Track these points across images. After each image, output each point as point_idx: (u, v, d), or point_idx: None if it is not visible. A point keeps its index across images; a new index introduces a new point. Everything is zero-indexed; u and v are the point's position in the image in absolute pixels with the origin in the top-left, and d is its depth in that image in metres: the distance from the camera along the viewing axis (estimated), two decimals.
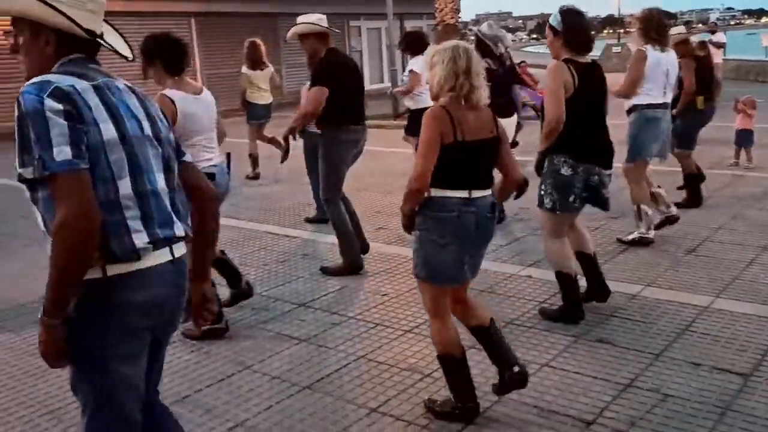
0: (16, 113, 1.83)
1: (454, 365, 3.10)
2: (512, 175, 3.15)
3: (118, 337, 1.96)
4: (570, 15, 4.01)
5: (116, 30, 2.20)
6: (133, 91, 2.08)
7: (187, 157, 2.23)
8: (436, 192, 2.95)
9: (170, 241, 2.02)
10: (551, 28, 4.06)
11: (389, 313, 4.41)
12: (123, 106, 1.97)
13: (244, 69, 9.18)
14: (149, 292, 1.96)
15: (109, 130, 1.89)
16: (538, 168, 4.13)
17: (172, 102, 3.85)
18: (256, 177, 9.26)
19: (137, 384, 2.06)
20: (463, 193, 2.95)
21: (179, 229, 2.05)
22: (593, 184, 4.02)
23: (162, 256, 1.99)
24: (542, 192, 4.08)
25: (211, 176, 3.89)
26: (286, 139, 5.36)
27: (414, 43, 7.45)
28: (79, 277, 1.84)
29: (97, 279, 1.88)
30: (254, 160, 9.34)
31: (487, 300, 4.48)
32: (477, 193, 2.98)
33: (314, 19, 5.20)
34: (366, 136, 5.35)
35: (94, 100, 1.89)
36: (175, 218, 2.05)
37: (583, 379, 3.44)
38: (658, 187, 5.80)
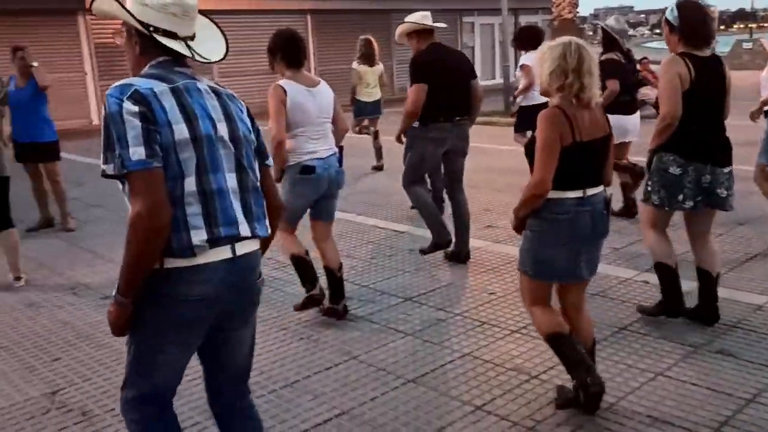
0: (102, 113, 1.98)
1: (563, 342, 3.06)
2: (606, 176, 3.10)
3: (168, 326, 2.08)
4: (687, 8, 3.81)
5: (220, 30, 2.26)
6: (216, 93, 2.14)
7: (269, 162, 2.33)
8: (551, 194, 2.91)
9: (233, 239, 2.07)
10: (667, 22, 3.89)
11: (496, 312, 4.37)
12: (198, 107, 2.05)
13: (355, 65, 9.38)
14: (201, 288, 2.04)
15: (181, 131, 1.98)
16: (649, 166, 3.98)
17: (284, 91, 4.01)
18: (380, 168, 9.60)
19: (178, 369, 2.21)
20: (578, 193, 2.93)
21: (245, 230, 2.10)
22: (705, 184, 3.80)
23: (219, 253, 2.05)
24: (649, 188, 3.94)
25: (311, 169, 4.04)
26: (398, 139, 5.60)
27: (529, 40, 7.32)
28: (149, 265, 1.99)
29: (155, 269, 2.00)
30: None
31: (599, 304, 4.35)
32: (591, 191, 2.97)
33: (416, 18, 5.27)
34: (461, 133, 5.29)
35: (170, 102, 1.99)
36: (242, 218, 2.10)
37: (701, 391, 3.26)
38: None
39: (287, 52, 4.12)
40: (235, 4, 16.86)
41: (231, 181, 2.09)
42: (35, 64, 6.70)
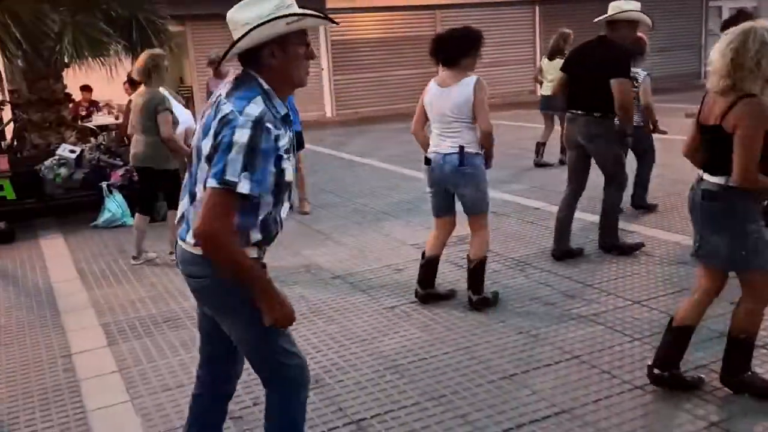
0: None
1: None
2: None
3: None
4: None
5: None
6: (217, 105, 2.19)
7: (209, 181, 2.16)
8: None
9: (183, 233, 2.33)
10: None
11: None
12: (203, 119, 2.24)
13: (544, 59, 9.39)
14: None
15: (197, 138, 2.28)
16: None
17: (427, 88, 4.41)
18: (541, 164, 9.14)
19: (203, 336, 2.54)
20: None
21: (183, 233, 2.31)
22: None
23: (181, 245, 2.34)
24: None
25: (427, 160, 4.42)
26: None
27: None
28: None
29: None
30: (538, 147, 9.30)
31: None
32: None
33: (612, 8, 5.32)
34: (581, 127, 5.20)
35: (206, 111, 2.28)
36: (186, 225, 2.31)
37: None
38: None
39: (432, 51, 4.37)
40: None
41: (192, 185, 2.29)
42: None
